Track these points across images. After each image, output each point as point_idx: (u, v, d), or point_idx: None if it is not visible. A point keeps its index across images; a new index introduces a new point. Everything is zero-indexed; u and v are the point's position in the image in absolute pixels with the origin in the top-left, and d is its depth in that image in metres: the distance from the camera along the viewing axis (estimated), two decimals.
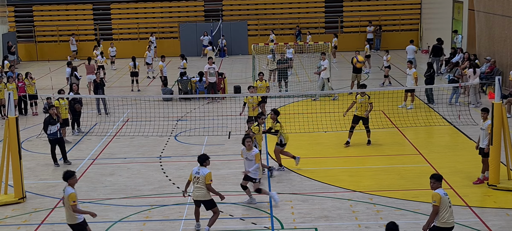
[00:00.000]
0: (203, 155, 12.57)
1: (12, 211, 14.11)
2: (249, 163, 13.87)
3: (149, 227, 13.06)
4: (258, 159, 13.87)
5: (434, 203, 10.53)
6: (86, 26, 41.77)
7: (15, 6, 41.80)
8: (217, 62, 34.96)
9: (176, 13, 41.91)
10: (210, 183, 12.23)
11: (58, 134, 17.33)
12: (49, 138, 17.32)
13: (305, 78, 29.98)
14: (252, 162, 13.82)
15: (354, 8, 41.84)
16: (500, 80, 14.92)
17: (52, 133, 17.24)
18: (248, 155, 13.88)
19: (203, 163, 12.42)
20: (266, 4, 41.98)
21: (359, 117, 18.60)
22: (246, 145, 13.84)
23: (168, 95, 25.85)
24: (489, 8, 27.73)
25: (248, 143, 13.84)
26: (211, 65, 26.05)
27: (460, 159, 17.10)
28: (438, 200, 10.49)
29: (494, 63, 25.87)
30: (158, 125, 21.09)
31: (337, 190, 14.83)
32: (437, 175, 10.90)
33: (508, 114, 20.54)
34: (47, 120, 17.27)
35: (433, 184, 10.76)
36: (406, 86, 23.81)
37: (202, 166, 12.38)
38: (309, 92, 25.54)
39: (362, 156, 17.82)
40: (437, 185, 10.73)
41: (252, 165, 13.80)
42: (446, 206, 10.53)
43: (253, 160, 13.80)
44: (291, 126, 20.49)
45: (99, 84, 23.94)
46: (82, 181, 16.14)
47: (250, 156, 13.85)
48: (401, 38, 41.04)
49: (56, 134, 17.28)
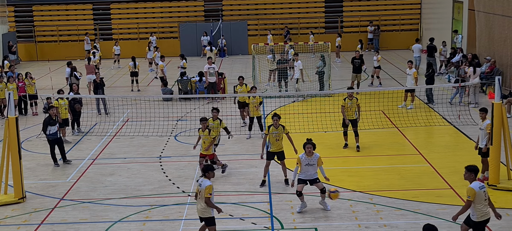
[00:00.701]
0: (207, 165, 11.80)
1: (12, 211, 14.11)
2: (312, 167, 13.47)
3: (149, 227, 13.06)
4: (321, 162, 13.51)
5: (468, 198, 10.39)
6: (86, 26, 41.77)
7: (15, 6, 41.80)
8: (217, 62, 34.96)
9: (176, 13, 41.91)
10: (209, 197, 11.23)
11: (57, 134, 17.33)
12: (49, 138, 17.31)
13: (305, 78, 29.98)
14: (314, 166, 13.47)
15: (354, 8, 41.84)
16: (500, 80, 14.92)
17: (52, 133, 17.23)
18: (309, 161, 13.43)
19: (206, 174, 11.51)
20: (266, 4, 41.98)
21: (349, 119, 18.33)
22: (307, 150, 13.34)
23: (168, 95, 25.85)
24: (489, 8, 27.73)
25: (309, 149, 13.32)
26: (211, 65, 26.06)
27: (460, 159, 17.09)
28: (472, 195, 10.33)
29: (494, 63, 25.87)
30: (158, 125, 21.09)
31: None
32: (471, 167, 10.69)
33: (508, 114, 20.54)
34: (46, 120, 17.26)
35: (466, 175, 10.62)
36: (406, 86, 23.82)
37: (205, 177, 11.51)
38: (309, 92, 25.53)
39: (362, 156, 17.82)
40: (471, 176, 10.56)
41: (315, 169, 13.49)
42: (481, 200, 10.42)
43: (315, 164, 13.45)
44: (291, 126, 20.49)
45: (99, 84, 23.95)
46: (82, 181, 16.15)
47: (311, 161, 13.43)
48: (401, 38, 41.08)
49: (55, 134, 17.27)
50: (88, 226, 13.17)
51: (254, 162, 17.19)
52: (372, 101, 22.88)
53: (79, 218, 13.61)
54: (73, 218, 13.62)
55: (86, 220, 13.51)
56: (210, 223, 11.57)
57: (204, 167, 11.70)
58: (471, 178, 10.65)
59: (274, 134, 15.22)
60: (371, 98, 23.68)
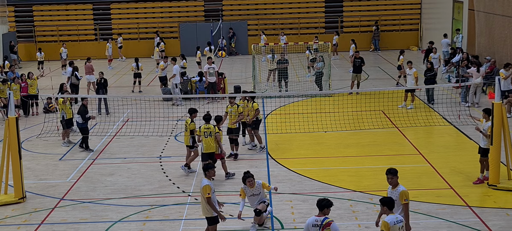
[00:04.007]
0: (207, 164, 11.80)
1: (12, 211, 14.11)
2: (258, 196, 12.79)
3: (149, 227, 13.07)
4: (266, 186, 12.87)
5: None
6: (86, 26, 41.78)
7: (15, 6, 41.79)
8: (217, 62, 34.95)
9: (176, 13, 41.90)
10: (208, 197, 11.22)
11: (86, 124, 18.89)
12: (83, 126, 18.75)
13: (305, 78, 30.02)
14: (261, 194, 12.78)
15: (354, 8, 41.83)
16: (500, 80, 14.93)
17: (80, 122, 18.71)
18: (254, 191, 12.72)
19: (206, 173, 11.51)
20: (266, 4, 41.97)
21: (230, 127, 17.75)
22: (248, 183, 12.62)
23: (168, 95, 25.84)
24: (489, 8, 27.74)
25: (249, 182, 12.59)
26: (211, 65, 26.06)
27: (460, 159, 17.10)
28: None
29: (494, 63, 25.86)
30: (158, 125, 21.09)
31: (337, 190, 14.83)
32: (392, 169, 10.70)
33: (508, 114, 20.54)
34: (82, 110, 18.72)
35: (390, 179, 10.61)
36: (406, 86, 23.81)
37: (205, 176, 11.49)
38: (309, 92, 25.54)
39: (362, 156, 17.82)
40: (394, 180, 10.59)
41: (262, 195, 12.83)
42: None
43: (261, 192, 12.76)
44: (291, 126, 20.51)
45: (101, 84, 23.96)
46: (82, 181, 16.15)
47: (256, 191, 12.73)
48: (401, 38, 41.07)
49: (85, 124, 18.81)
50: (88, 226, 13.18)
51: (255, 162, 17.22)
52: (372, 101, 22.89)
53: (79, 218, 13.62)
54: (73, 218, 13.62)
55: (86, 220, 13.52)
56: (210, 222, 11.60)
57: (204, 166, 11.69)
58: (394, 182, 10.62)
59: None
60: (371, 98, 23.69)
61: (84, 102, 19.07)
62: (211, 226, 11.63)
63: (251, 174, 12.67)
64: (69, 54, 37.82)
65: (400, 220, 9.71)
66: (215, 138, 15.70)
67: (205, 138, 15.66)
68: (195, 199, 14.54)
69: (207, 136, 15.64)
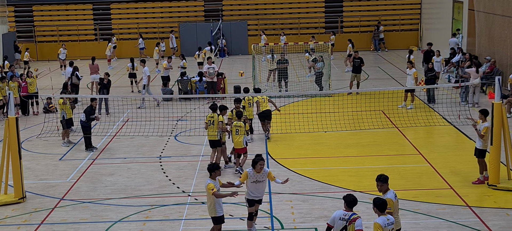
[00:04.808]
0: (211, 165, 11.70)
1: (12, 211, 14.11)
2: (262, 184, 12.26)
3: (149, 227, 13.07)
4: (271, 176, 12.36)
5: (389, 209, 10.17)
6: (86, 26, 41.78)
7: (15, 6, 41.79)
8: (217, 62, 34.96)
9: (176, 13, 41.91)
10: (213, 191, 11.21)
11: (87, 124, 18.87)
12: (87, 125, 18.77)
13: (305, 78, 30.02)
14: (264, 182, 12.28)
15: (354, 8, 41.84)
16: (500, 80, 14.92)
17: (83, 121, 18.76)
18: (258, 177, 12.12)
19: (211, 173, 11.43)
20: (266, 4, 41.98)
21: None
22: (259, 166, 12.02)
23: (168, 95, 25.84)
24: (489, 8, 27.74)
25: (261, 165, 12.02)
26: (211, 65, 26.06)
27: (460, 159, 17.10)
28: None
29: (494, 63, 25.86)
30: (158, 125, 21.10)
31: (337, 190, 14.82)
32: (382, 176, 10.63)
33: (508, 114, 20.54)
34: (88, 110, 18.76)
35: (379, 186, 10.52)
36: (406, 86, 23.82)
37: (210, 177, 11.41)
38: (309, 92, 25.54)
39: (362, 156, 17.81)
40: (383, 187, 10.53)
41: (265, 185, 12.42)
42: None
43: (265, 180, 12.23)
44: (291, 126, 20.51)
45: (105, 84, 23.97)
46: (82, 181, 16.15)
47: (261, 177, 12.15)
48: (401, 38, 41.07)
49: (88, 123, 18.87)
50: (88, 226, 13.18)
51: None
52: (372, 101, 22.89)
53: (79, 218, 13.62)
54: (73, 218, 13.62)
55: (86, 220, 13.51)
56: (215, 221, 11.70)
57: (209, 167, 11.62)
58: (384, 189, 10.57)
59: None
60: (371, 98, 23.69)
61: (93, 104, 19.06)
62: (216, 225, 11.73)
63: (263, 158, 12.18)
64: (69, 54, 37.89)
65: (392, 222, 9.79)
66: (218, 126, 16.31)
67: (209, 126, 16.47)
68: (195, 199, 14.55)
69: (210, 125, 16.39)
